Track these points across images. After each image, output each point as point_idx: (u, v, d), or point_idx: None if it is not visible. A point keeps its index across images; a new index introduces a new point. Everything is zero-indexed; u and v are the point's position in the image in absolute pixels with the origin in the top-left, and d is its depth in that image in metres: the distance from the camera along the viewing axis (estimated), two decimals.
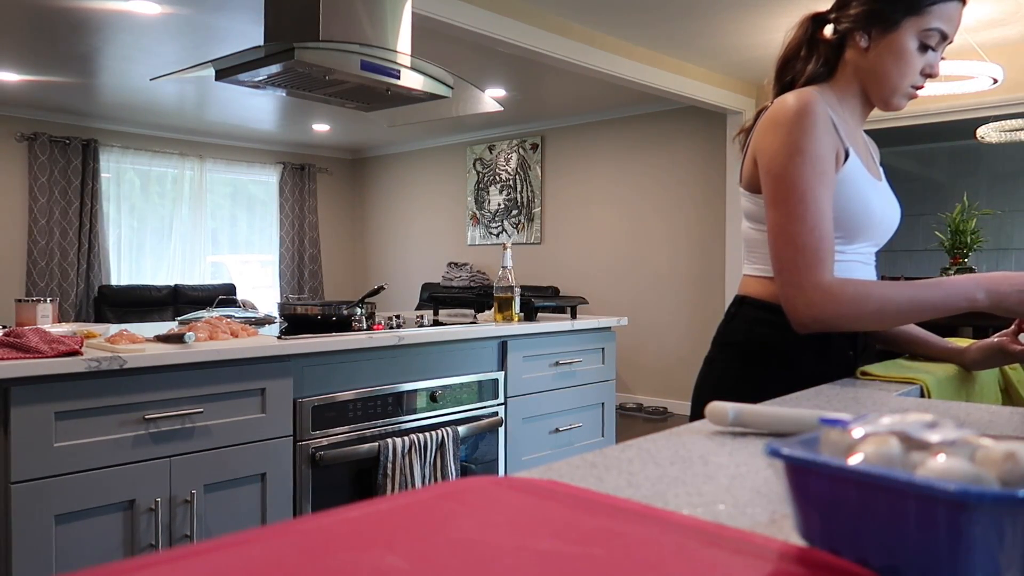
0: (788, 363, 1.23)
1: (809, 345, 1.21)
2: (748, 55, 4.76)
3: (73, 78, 5.40)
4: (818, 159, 1.13)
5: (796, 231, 1.12)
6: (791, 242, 1.13)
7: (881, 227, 1.27)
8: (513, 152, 7.20)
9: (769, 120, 1.19)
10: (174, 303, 6.74)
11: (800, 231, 1.12)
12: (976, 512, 0.34)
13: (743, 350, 1.29)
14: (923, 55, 1.20)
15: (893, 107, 1.24)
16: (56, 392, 1.69)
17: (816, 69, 1.28)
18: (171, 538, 1.89)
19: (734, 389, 1.26)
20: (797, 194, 1.12)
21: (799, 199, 1.12)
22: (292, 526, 0.44)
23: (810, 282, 1.11)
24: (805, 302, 1.12)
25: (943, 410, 0.92)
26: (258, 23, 4.10)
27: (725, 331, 1.34)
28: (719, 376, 1.32)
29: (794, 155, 1.13)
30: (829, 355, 1.24)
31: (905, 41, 1.19)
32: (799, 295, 1.13)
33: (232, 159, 7.80)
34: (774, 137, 1.17)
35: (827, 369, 1.22)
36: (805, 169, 1.13)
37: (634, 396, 6.30)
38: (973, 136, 4.62)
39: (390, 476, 2.28)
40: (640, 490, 0.58)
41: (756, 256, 1.29)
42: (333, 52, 2.27)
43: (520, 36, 3.81)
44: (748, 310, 1.29)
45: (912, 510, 0.35)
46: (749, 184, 1.26)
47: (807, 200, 1.12)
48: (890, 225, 1.30)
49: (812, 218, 1.12)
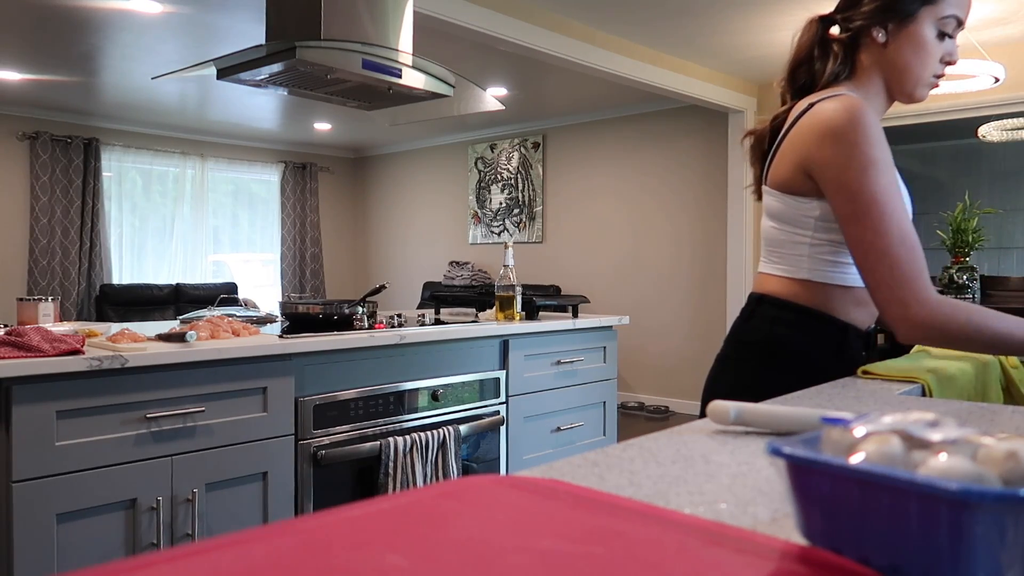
0: (807, 363, 1.23)
1: (827, 345, 1.22)
2: (750, 54, 4.76)
3: (75, 77, 5.41)
4: (888, 167, 1.13)
5: (886, 245, 1.11)
6: (883, 258, 1.11)
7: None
8: (515, 151, 7.20)
9: (822, 129, 1.16)
10: (175, 302, 6.74)
11: (890, 244, 1.11)
12: (978, 511, 0.34)
13: (762, 349, 1.28)
14: (941, 43, 1.20)
15: (917, 99, 1.24)
16: (57, 391, 1.70)
17: (835, 68, 1.26)
18: (172, 537, 1.89)
19: (751, 388, 1.24)
20: (878, 207, 1.11)
21: (881, 212, 1.11)
22: (293, 525, 0.44)
23: (914, 298, 1.10)
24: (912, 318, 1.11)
25: (945, 409, 0.92)
26: (260, 22, 4.10)
27: (742, 329, 1.32)
28: (735, 374, 1.31)
29: (867, 167, 1.12)
30: (845, 355, 1.24)
31: (924, 31, 1.19)
32: (905, 311, 1.11)
33: (234, 158, 7.80)
34: (837, 149, 1.14)
35: (844, 368, 1.23)
36: (881, 180, 1.12)
37: (635, 395, 6.30)
38: (975, 135, 4.61)
39: (391, 475, 2.28)
40: (642, 489, 0.58)
41: (778, 256, 1.27)
42: (335, 51, 2.27)
43: (521, 35, 3.80)
44: (768, 309, 1.28)
45: (914, 509, 0.35)
46: (786, 186, 1.23)
47: (888, 212, 1.11)
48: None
49: (899, 230, 1.11)
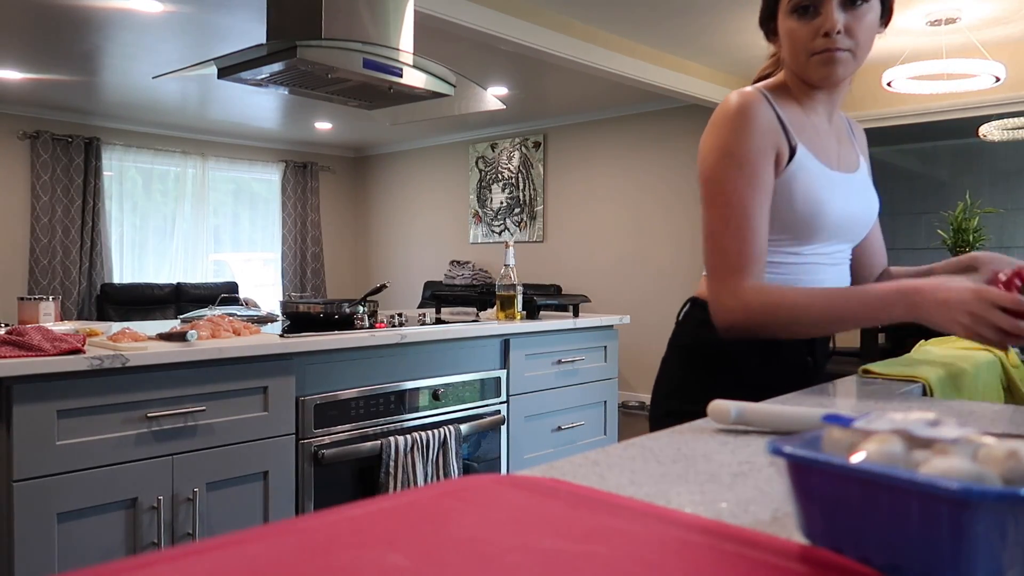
0: (733, 367, 1.21)
1: (755, 350, 1.18)
2: (750, 53, 4.75)
3: (75, 76, 5.41)
4: (747, 162, 1.12)
5: (721, 234, 1.12)
6: (716, 245, 1.13)
7: (842, 224, 1.21)
8: (515, 150, 7.20)
9: (710, 120, 1.18)
10: (176, 301, 6.74)
11: (725, 234, 1.12)
12: (978, 510, 0.34)
13: (690, 352, 1.27)
14: (809, 22, 1.15)
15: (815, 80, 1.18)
16: (58, 390, 1.70)
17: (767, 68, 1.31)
18: (173, 536, 1.89)
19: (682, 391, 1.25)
20: (724, 197, 1.12)
21: (726, 202, 1.12)
22: (294, 524, 0.44)
23: (728, 288, 1.11)
24: (722, 308, 1.12)
25: (945, 408, 0.92)
26: (260, 21, 4.10)
27: (675, 332, 1.33)
28: (668, 378, 1.31)
29: (722, 157, 1.13)
30: (780, 361, 1.21)
31: (785, 22, 1.18)
32: (716, 300, 1.13)
33: (234, 157, 7.80)
34: (708, 138, 1.17)
35: (778, 374, 1.20)
36: (733, 172, 1.12)
37: (636, 394, 6.30)
38: (975, 134, 4.61)
39: (392, 474, 2.28)
40: (642, 488, 0.58)
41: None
42: (335, 50, 2.27)
43: (522, 34, 3.80)
44: (696, 311, 1.28)
45: (915, 508, 0.35)
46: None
47: (733, 203, 1.11)
48: (856, 220, 1.24)
49: (737, 221, 1.11)
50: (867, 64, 5.10)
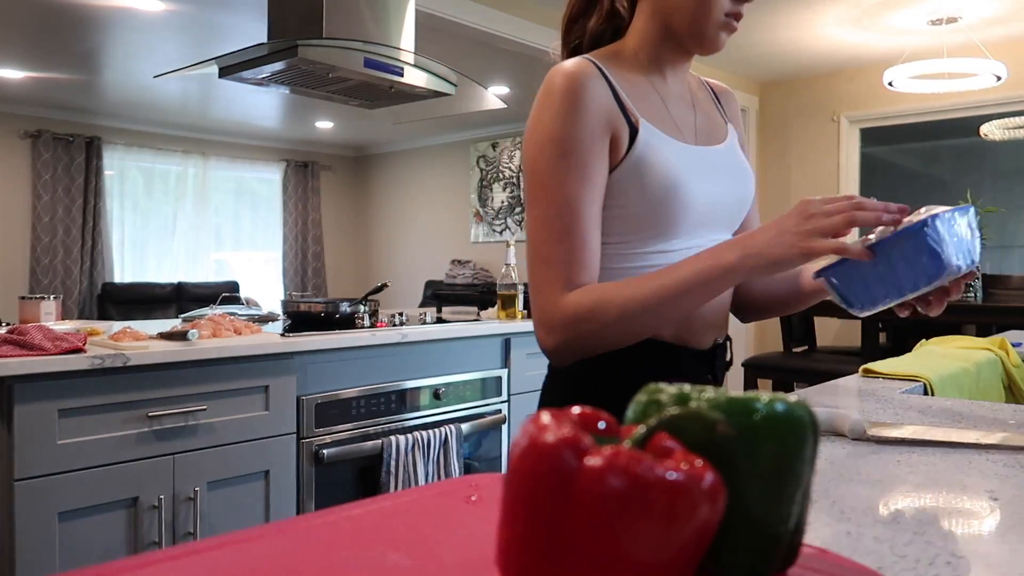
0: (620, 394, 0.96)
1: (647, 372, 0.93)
2: (751, 52, 4.75)
3: (77, 75, 5.41)
4: (574, 150, 0.93)
5: (544, 241, 0.94)
6: (538, 254, 0.95)
7: (708, 208, 1.01)
8: (516, 149, 7.20)
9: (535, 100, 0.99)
10: (177, 300, 6.75)
11: (548, 240, 0.94)
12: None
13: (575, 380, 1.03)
14: None
15: (710, 43, 0.99)
16: (59, 389, 1.70)
17: (598, 27, 1.07)
18: (174, 536, 1.89)
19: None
20: (547, 193, 0.94)
21: (549, 199, 0.94)
22: (295, 524, 0.44)
23: (552, 304, 0.93)
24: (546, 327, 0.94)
25: (946, 407, 0.92)
26: (261, 20, 4.08)
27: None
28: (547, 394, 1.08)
29: (544, 145, 0.95)
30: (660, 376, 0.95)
31: None
32: (540, 320, 0.95)
33: (235, 156, 7.81)
34: (530, 121, 0.98)
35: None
36: (557, 161, 0.94)
37: None
38: (977, 133, 4.61)
39: (393, 474, 2.28)
40: None
41: None
42: (336, 49, 2.27)
43: (523, 33, 3.80)
44: None
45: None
46: None
47: (558, 200, 0.93)
48: (722, 201, 1.04)
49: (564, 223, 0.93)
50: (868, 63, 5.10)
